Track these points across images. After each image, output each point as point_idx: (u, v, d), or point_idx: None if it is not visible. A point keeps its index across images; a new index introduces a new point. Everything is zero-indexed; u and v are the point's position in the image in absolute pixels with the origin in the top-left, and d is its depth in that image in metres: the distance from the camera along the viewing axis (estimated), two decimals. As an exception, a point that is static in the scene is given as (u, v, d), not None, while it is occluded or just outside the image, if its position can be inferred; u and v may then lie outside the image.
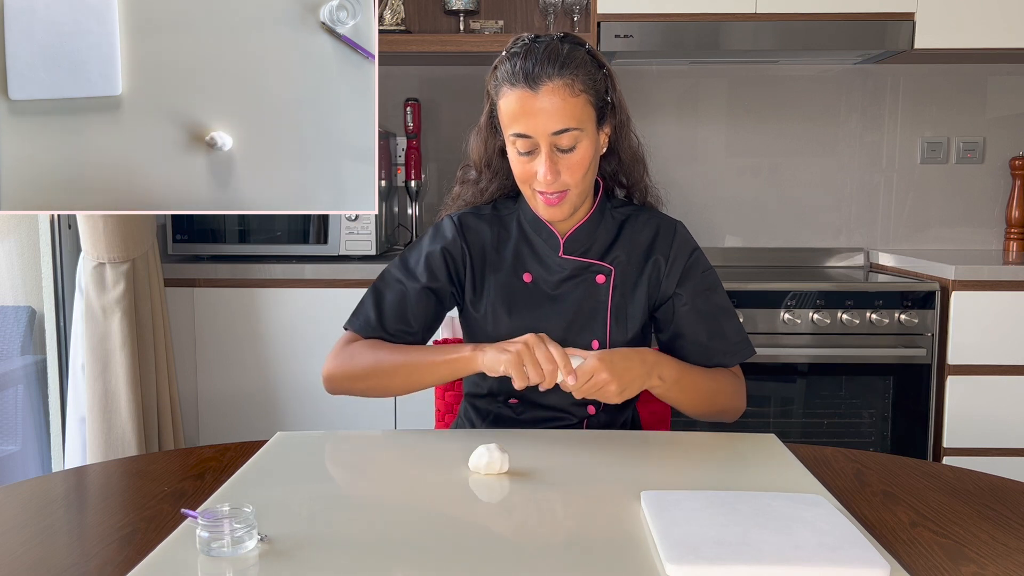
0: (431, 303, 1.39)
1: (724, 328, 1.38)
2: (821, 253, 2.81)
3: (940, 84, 2.76)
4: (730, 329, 1.39)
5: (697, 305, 1.38)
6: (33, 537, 0.95)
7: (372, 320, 1.38)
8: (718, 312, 1.39)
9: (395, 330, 1.38)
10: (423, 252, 1.41)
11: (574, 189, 1.30)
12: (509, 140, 1.30)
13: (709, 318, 1.38)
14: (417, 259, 1.41)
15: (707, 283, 1.40)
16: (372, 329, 1.38)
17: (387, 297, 1.39)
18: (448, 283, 1.40)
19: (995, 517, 1.01)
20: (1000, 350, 2.25)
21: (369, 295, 1.41)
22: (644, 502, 0.96)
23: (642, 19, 2.43)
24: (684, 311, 1.38)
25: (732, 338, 1.38)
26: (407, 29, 2.59)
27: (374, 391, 1.36)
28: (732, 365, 1.40)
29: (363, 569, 0.84)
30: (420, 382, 1.32)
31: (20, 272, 2.35)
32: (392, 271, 1.42)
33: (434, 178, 2.85)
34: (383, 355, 1.34)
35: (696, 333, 1.37)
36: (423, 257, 1.40)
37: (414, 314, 1.38)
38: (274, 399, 2.36)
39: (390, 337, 1.38)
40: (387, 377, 1.33)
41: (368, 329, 1.38)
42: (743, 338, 1.39)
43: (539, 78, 1.25)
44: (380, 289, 1.41)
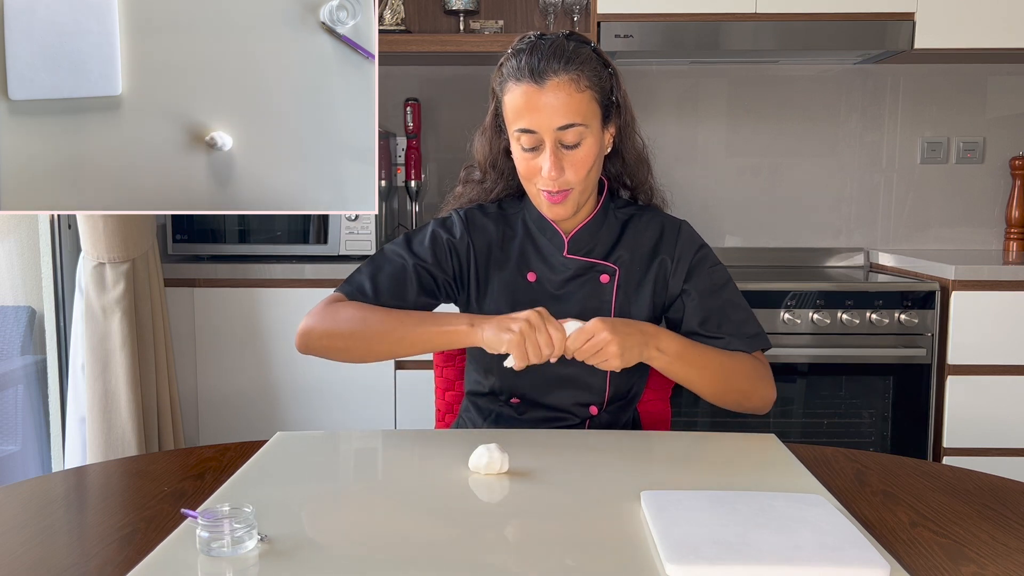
0: (428, 285, 1.37)
1: (736, 321, 1.35)
2: (821, 253, 2.81)
3: (940, 84, 2.76)
4: (743, 322, 1.36)
5: (707, 301, 1.36)
6: (33, 537, 0.95)
7: (367, 290, 1.34)
8: (728, 307, 1.36)
9: (389, 304, 1.34)
10: (427, 234, 1.39)
11: (577, 187, 1.30)
12: (514, 136, 1.30)
13: (719, 313, 1.35)
14: (421, 240, 1.39)
15: (716, 278, 1.38)
16: (364, 298, 1.34)
17: (384, 269, 1.36)
18: (449, 273, 1.38)
19: (995, 517, 1.01)
20: (1000, 350, 2.25)
21: (365, 266, 1.37)
22: (644, 502, 0.96)
23: (642, 19, 2.43)
24: (693, 306, 1.36)
25: (746, 330, 1.35)
26: (407, 29, 2.59)
27: (353, 353, 1.30)
28: (749, 352, 1.35)
29: (363, 569, 0.84)
30: (408, 350, 1.28)
31: (20, 272, 2.35)
32: (393, 247, 1.39)
33: (434, 178, 2.85)
34: (371, 316, 1.29)
35: (708, 328, 1.34)
36: (427, 239, 1.38)
37: (411, 291, 1.35)
38: (274, 399, 2.36)
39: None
40: (373, 340, 1.28)
41: (360, 297, 1.34)
42: (758, 331, 1.36)
43: (544, 73, 1.25)
44: (378, 262, 1.37)
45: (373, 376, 2.33)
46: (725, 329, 1.34)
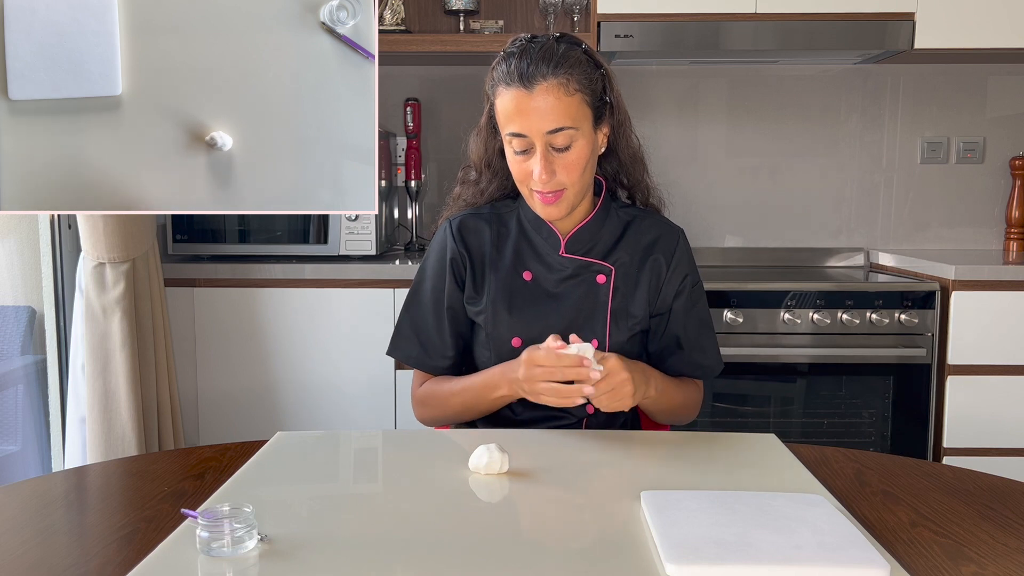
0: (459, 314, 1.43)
1: (704, 343, 1.43)
2: (821, 253, 2.81)
3: (940, 84, 2.76)
4: (709, 344, 1.44)
5: (685, 318, 1.42)
6: (33, 537, 0.95)
7: (416, 355, 1.44)
8: (702, 326, 1.43)
9: (439, 359, 1.43)
10: (434, 259, 1.44)
11: (570, 188, 1.31)
12: (506, 139, 1.31)
13: (692, 331, 1.42)
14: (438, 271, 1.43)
15: (696, 296, 1.44)
16: (423, 364, 1.44)
17: (423, 323, 1.43)
18: (462, 286, 1.42)
19: (995, 517, 1.01)
20: (1000, 350, 2.25)
21: (405, 324, 1.45)
22: (644, 502, 0.96)
23: (642, 19, 2.43)
24: (671, 321, 1.41)
25: (709, 353, 1.43)
26: (407, 29, 2.59)
27: (461, 421, 1.44)
28: (702, 379, 1.46)
29: (363, 569, 0.84)
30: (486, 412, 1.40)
31: (20, 272, 2.35)
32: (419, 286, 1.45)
33: (434, 178, 2.85)
34: (446, 401, 1.41)
35: (681, 341, 1.41)
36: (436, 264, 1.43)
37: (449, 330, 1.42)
38: (274, 399, 2.36)
39: (439, 358, 1.43)
40: (464, 415, 1.41)
41: (420, 364, 1.44)
42: (718, 356, 1.45)
43: (533, 77, 1.25)
44: (414, 318, 1.44)
45: (373, 376, 2.33)
46: (694, 355, 1.42)
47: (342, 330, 2.33)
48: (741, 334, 2.28)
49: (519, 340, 1.36)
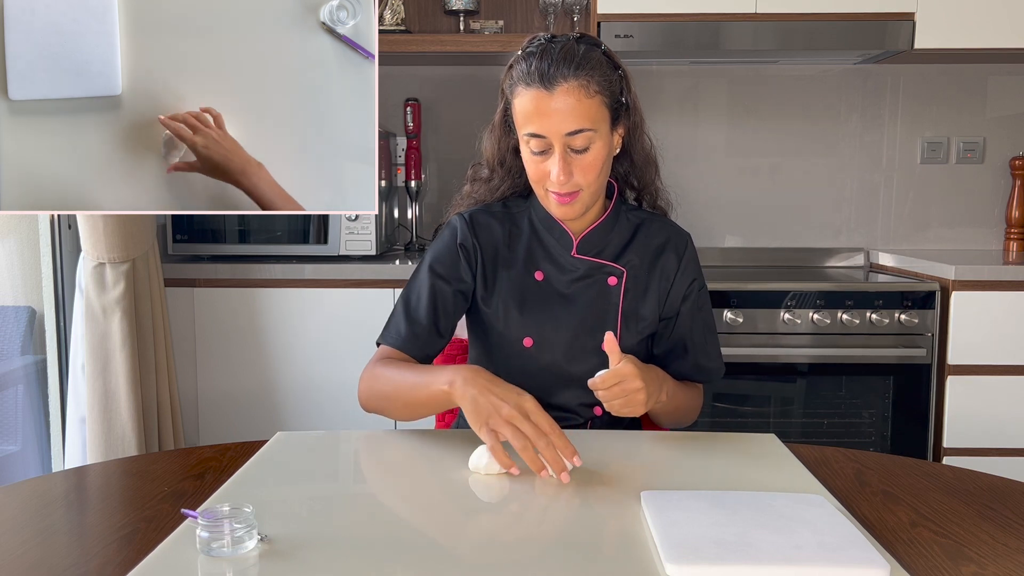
0: (460, 304, 1.39)
1: (708, 348, 1.43)
2: (821, 253, 2.81)
3: (940, 84, 2.76)
4: (713, 349, 1.43)
5: (691, 322, 1.41)
6: (33, 537, 0.95)
7: (403, 332, 1.36)
8: (707, 331, 1.43)
9: (427, 338, 1.36)
10: (443, 247, 1.40)
11: (587, 189, 1.31)
12: (523, 139, 1.30)
13: (698, 335, 1.42)
14: (440, 257, 1.39)
15: (702, 300, 1.44)
16: (403, 340, 1.36)
17: (416, 305, 1.37)
18: (468, 280, 1.39)
19: (995, 517, 1.01)
20: (1000, 350, 2.25)
21: (399, 305, 1.39)
22: (644, 502, 0.96)
23: (642, 19, 2.43)
24: (678, 325, 1.41)
25: (713, 357, 1.43)
26: (407, 29, 2.59)
27: (397, 416, 1.31)
28: (705, 383, 1.45)
29: (363, 569, 0.84)
30: (421, 413, 1.27)
31: (20, 272, 2.35)
32: (421, 270, 1.41)
33: (434, 178, 2.85)
34: (387, 379, 1.29)
35: (686, 345, 1.41)
36: (441, 258, 1.39)
37: (446, 316, 1.37)
38: (274, 399, 2.36)
39: (423, 344, 1.36)
40: (400, 405, 1.29)
41: (399, 341, 1.36)
42: (721, 360, 1.45)
43: (554, 78, 1.24)
44: (408, 298, 1.39)
45: (373, 376, 2.33)
46: (699, 359, 1.42)
47: (342, 330, 2.33)
48: (741, 334, 2.28)
49: (530, 340, 1.36)
